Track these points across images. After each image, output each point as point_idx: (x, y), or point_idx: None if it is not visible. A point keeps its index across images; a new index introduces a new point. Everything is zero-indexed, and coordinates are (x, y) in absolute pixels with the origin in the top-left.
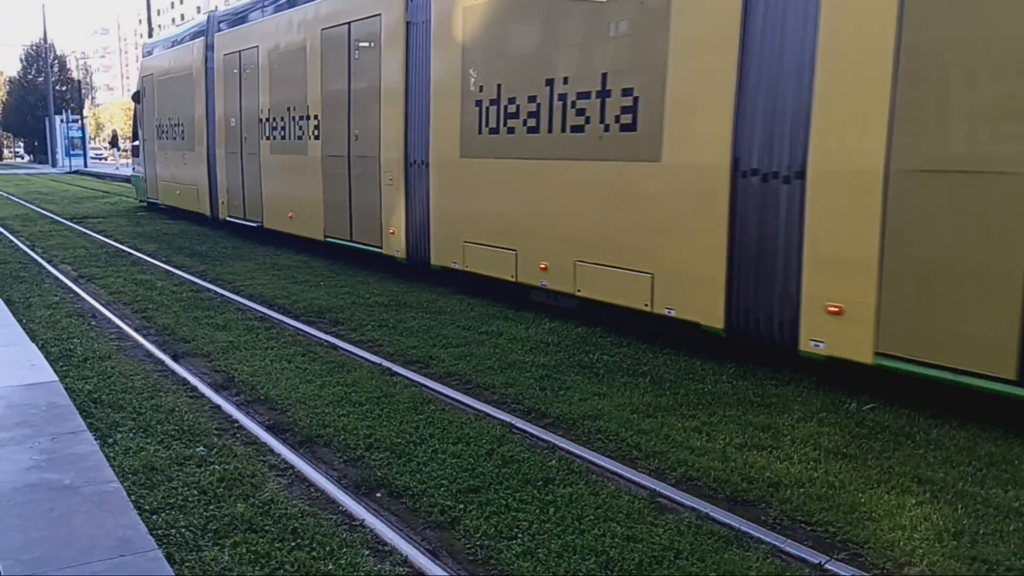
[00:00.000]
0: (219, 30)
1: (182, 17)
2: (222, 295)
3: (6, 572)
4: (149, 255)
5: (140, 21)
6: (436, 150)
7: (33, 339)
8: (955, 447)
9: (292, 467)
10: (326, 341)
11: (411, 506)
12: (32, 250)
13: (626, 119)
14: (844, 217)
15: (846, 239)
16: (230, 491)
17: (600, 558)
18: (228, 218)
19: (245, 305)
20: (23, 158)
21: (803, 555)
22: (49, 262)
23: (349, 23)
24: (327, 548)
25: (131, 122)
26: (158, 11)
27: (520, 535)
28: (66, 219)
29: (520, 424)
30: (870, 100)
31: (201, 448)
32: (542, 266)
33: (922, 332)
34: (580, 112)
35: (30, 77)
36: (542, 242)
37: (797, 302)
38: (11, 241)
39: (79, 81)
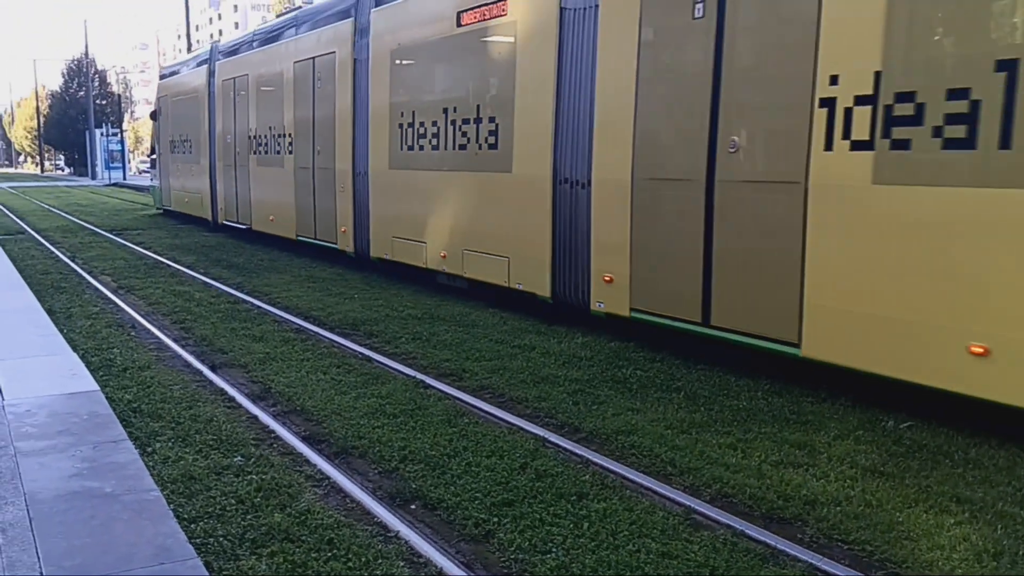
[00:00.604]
0: (219, 59)
1: (220, 33)
2: (259, 307)
3: None
4: (187, 267)
5: (179, 36)
6: (373, 162)
7: (74, 349)
8: (994, 467)
9: (328, 478)
10: (361, 353)
11: (445, 518)
12: (73, 261)
13: (491, 140)
14: (610, 213)
15: (612, 228)
16: (267, 501)
17: (635, 574)
18: (224, 222)
19: (281, 317)
20: (63, 171)
21: (840, 574)
22: (89, 273)
23: (313, 58)
24: (363, 559)
25: None
26: (196, 27)
27: (554, 549)
28: (106, 231)
29: (553, 438)
30: (623, 130)
31: (239, 458)
32: (442, 255)
33: (655, 293)
34: (464, 134)
35: (71, 91)
36: (442, 236)
37: (588, 275)
38: (52, 252)
39: (119, 95)
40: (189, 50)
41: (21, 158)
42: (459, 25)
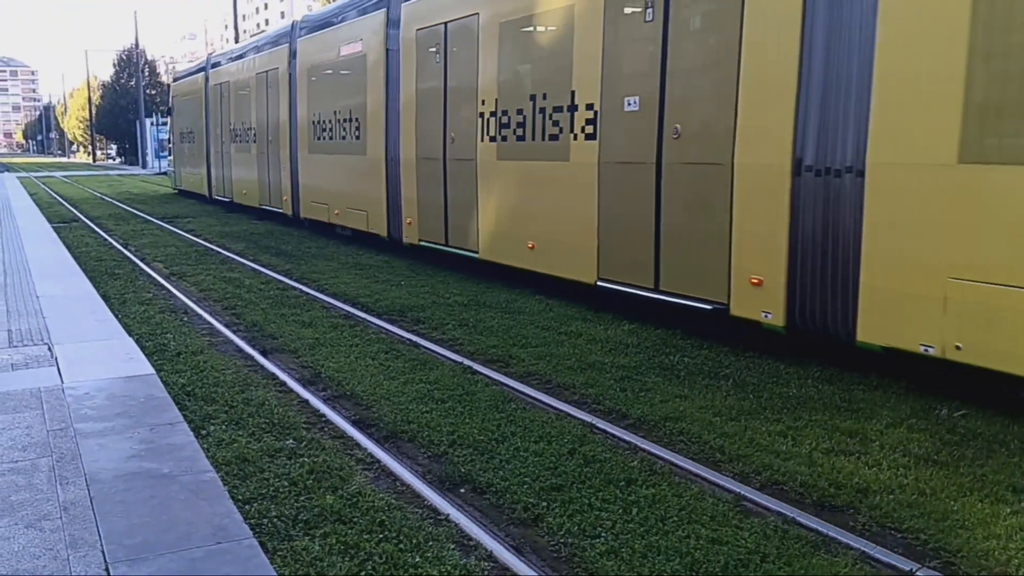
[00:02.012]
0: (213, 67)
1: (267, 22)
2: (307, 293)
3: (111, 556)
4: (237, 254)
5: (226, 27)
6: (300, 146)
7: (129, 333)
8: None
9: (378, 461)
10: (408, 339)
11: (494, 502)
12: (125, 248)
13: (357, 135)
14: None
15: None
16: (319, 483)
17: (685, 559)
18: (216, 196)
19: (329, 303)
20: (115, 160)
21: (893, 562)
22: (142, 260)
23: (263, 72)
24: (414, 541)
25: None
26: (243, 16)
27: (603, 534)
28: (157, 218)
29: (601, 424)
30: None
31: (291, 441)
32: (336, 212)
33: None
34: (344, 127)
35: (122, 81)
36: (336, 198)
37: (401, 216)
38: (105, 239)
39: (168, 85)
40: (236, 40)
41: (74, 148)
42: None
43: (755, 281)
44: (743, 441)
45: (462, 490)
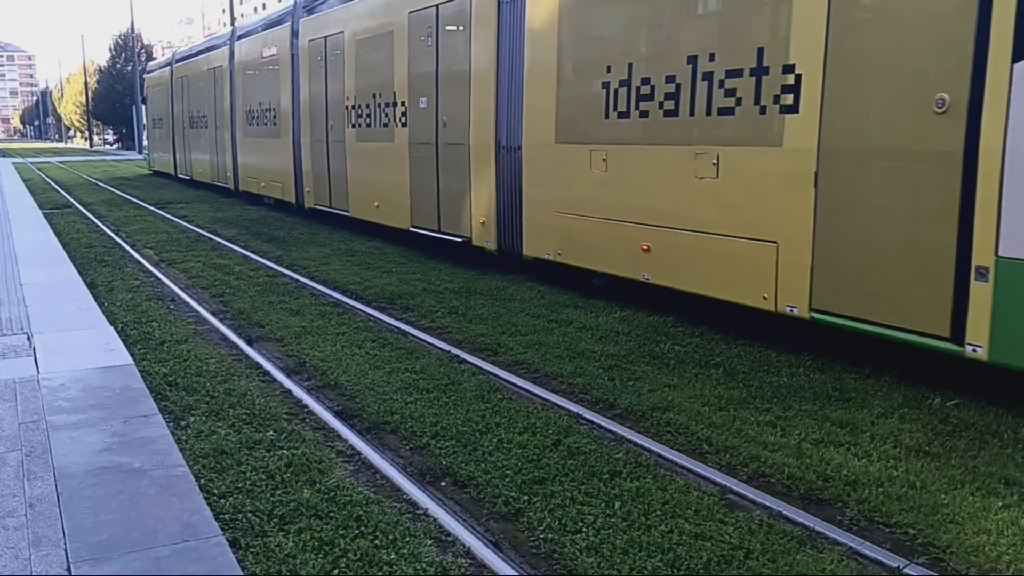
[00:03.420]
0: (178, 62)
1: (264, 6)
2: (297, 280)
3: (74, 555)
4: (228, 240)
5: (223, 11)
6: (239, 131)
7: (113, 322)
8: None
9: (359, 453)
10: (396, 327)
11: (475, 496)
12: (116, 235)
13: (274, 119)
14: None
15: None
16: (297, 477)
17: (667, 556)
18: (180, 175)
19: (319, 290)
20: (111, 145)
21: (881, 558)
22: (132, 246)
23: (212, 68)
24: (390, 537)
25: None
26: (240, 0)
27: (585, 529)
28: (150, 204)
29: (587, 415)
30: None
31: (271, 433)
32: (262, 184)
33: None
34: (266, 115)
35: (118, 66)
36: (262, 173)
37: (301, 185)
38: (97, 225)
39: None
40: (233, 23)
41: (71, 133)
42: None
43: (482, 221)
44: (731, 432)
45: (443, 483)
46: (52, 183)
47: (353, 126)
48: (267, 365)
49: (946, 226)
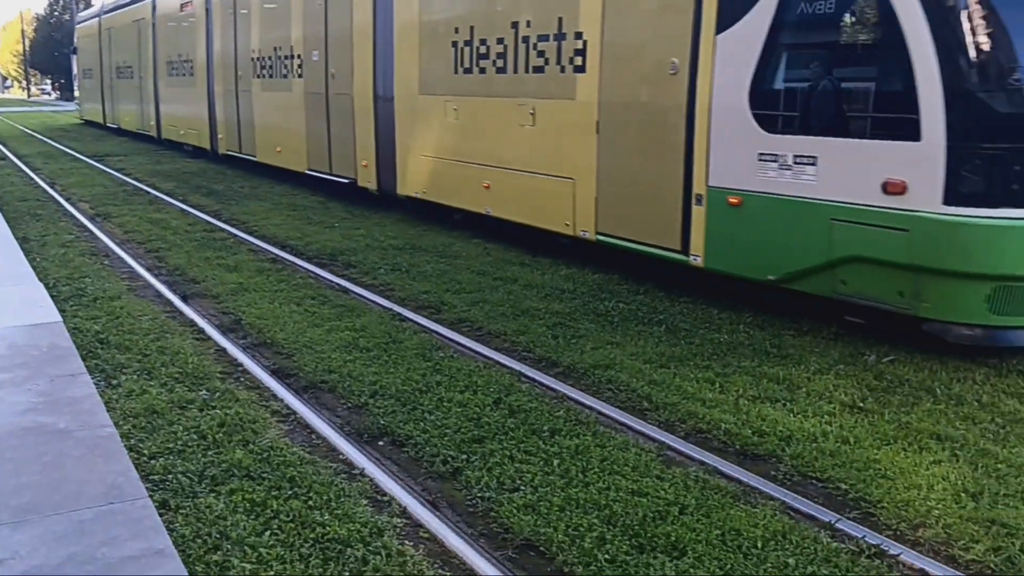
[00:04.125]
0: (105, 14)
1: None
2: (235, 235)
3: None
4: (166, 193)
5: None
6: (161, 81)
7: (43, 278)
8: (977, 403)
9: (295, 413)
10: (337, 284)
11: (413, 456)
12: (52, 188)
13: (190, 70)
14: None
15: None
16: (230, 437)
17: (603, 512)
18: (108, 124)
19: (258, 246)
20: (50, 95)
21: (814, 513)
22: (67, 200)
23: (136, 20)
24: (324, 497)
25: None
26: None
27: (523, 487)
28: (87, 156)
29: (530, 373)
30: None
31: (204, 392)
32: (182, 132)
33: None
34: (184, 66)
35: (56, 15)
36: (182, 121)
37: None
38: (31, 178)
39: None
40: None
41: (8, 83)
42: None
43: (365, 164)
44: (671, 389)
45: (380, 443)
46: None
47: (258, 76)
48: (202, 323)
49: (677, 163)
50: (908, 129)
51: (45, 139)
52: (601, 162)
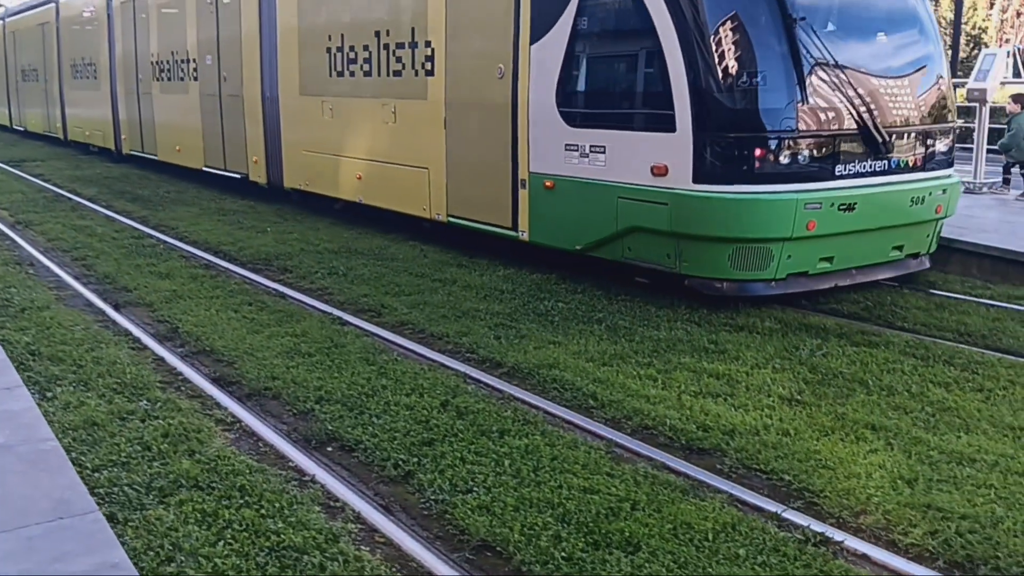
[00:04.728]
0: (9, 17)
1: None
2: (165, 242)
3: None
4: (89, 200)
5: None
6: (65, 83)
7: None
8: (908, 393)
9: (239, 421)
10: (274, 289)
11: (363, 460)
12: None
13: (93, 73)
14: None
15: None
16: (175, 447)
17: (557, 510)
18: (14, 127)
19: (189, 252)
20: None
21: (760, 504)
22: None
23: (40, 24)
24: (276, 505)
25: None
26: None
27: (476, 488)
28: (2, 162)
29: (475, 374)
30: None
31: (144, 402)
32: (87, 133)
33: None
34: (88, 69)
35: None
36: (87, 123)
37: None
38: None
39: None
40: None
41: None
42: None
43: (255, 160)
44: (615, 386)
45: (329, 449)
46: None
47: (157, 79)
48: (137, 332)
49: (506, 153)
50: (667, 123)
51: None
52: (449, 153)
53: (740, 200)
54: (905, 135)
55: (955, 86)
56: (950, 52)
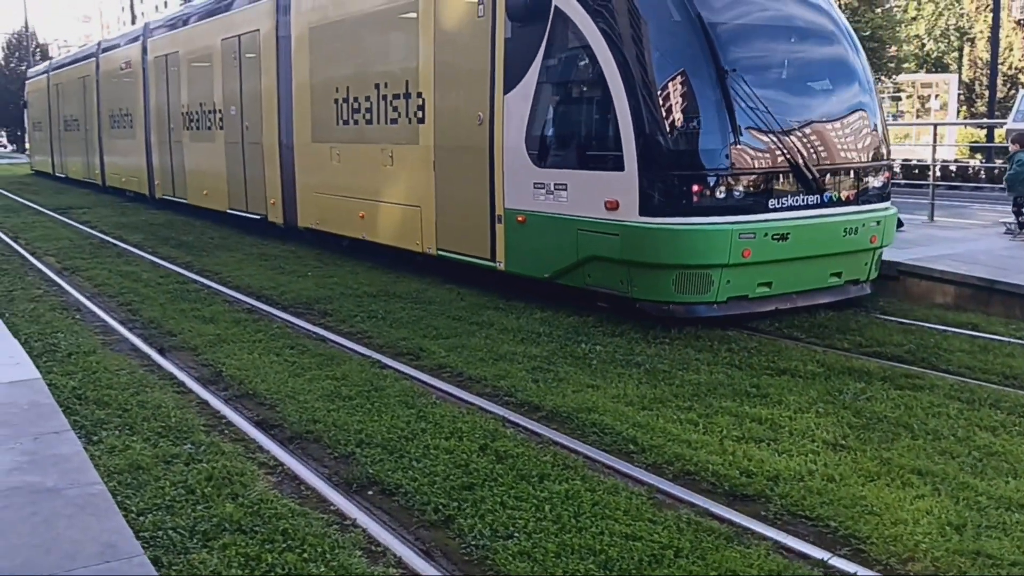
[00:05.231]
0: (53, 71)
1: (165, 4)
2: (209, 286)
3: None
4: (134, 246)
5: (123, 9)
6: (104, 133)
7: (16, 334)
8: (954, 437)
9: (282, 464)
10: (315, 333)
11: (404, 504)
12: (15, 242)
13: (129, 123)
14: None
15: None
16: (219, 490)
17: (599, 557)
18: (57, 174)
19: (232, 297)
20: (5, 147)
21: (806, 551)
22: (32, 254)
23: (80, 77)
24: (318, 549)
25: None
26: None
27: (516, 534)
28: (50, 210)
29: (514, 418)
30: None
31: (188, 445)
32: (124, 180)
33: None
34: (125, 119)
35: (12, 66)
36: (124, 170)
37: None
38: None
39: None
40: (133, 22)
41: None
42: None
43: (273, 202)
44: (655, 431)
45: (370, 492)
46: None
47: (187, 128)
48: (181, 375)
49: (485, 192)
50: (617, 164)
51: (4, 192)
52: (438, 193)
53: (681, 231)
54: (836, 172)
55: (991, 127)
56: (987, 92)
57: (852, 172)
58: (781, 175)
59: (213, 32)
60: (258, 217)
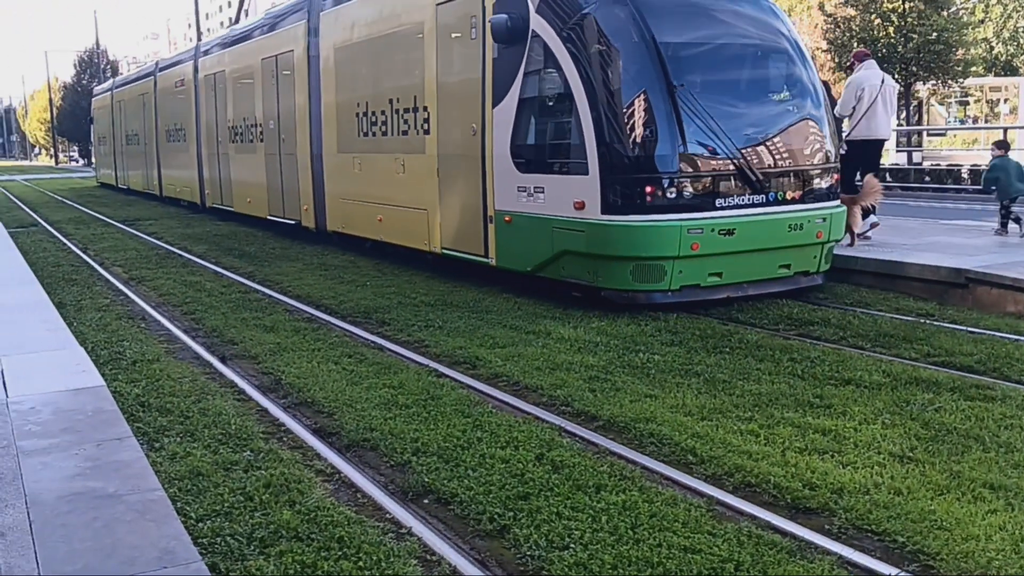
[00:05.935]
0: (117, 88)
1: (231, 20)
2: (270, 296)
3: None
4: (199, 256)
5: (189, 25)
6: (162, 146)
7: (83, 342)
8: None
9: (339, 472)
10: (372, 342)
11: (459, 513)
12: (84, 253)
13: (183, 137)
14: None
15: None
16: (276, 497)
17: (656, 570)
18: (120, 185)
19: (293, 306)
20: (78, 162)
21: (873, 566)
22: (101, 264)
23: (142, 94)
24: (374, 558)
25: None
26: (207, 15)
27: (572, 545)
28: (118, 222)
29: (570, 427)
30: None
31: (248, 452)
32: (177, 190)
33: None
34: (178, 134)
35: (84, 82)
36: (178, 180)
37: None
38: (64, 244)
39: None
40: (199, 39)
41: (36, 151)
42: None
43: (306, 208)
44: (715, 442)
45: (426, 501)
46: (17, 201)
47: (233, 141)
48: (242, 383)
49: (479, 195)
50: (583, 169)
51: (74, 205)
52: (441, 197)
53: (636, 227)
54: (781, 175)
55: None
56: None
57: (796, 174)
58: (727, 177)
59: (254, 52)
60: (293, 222)
